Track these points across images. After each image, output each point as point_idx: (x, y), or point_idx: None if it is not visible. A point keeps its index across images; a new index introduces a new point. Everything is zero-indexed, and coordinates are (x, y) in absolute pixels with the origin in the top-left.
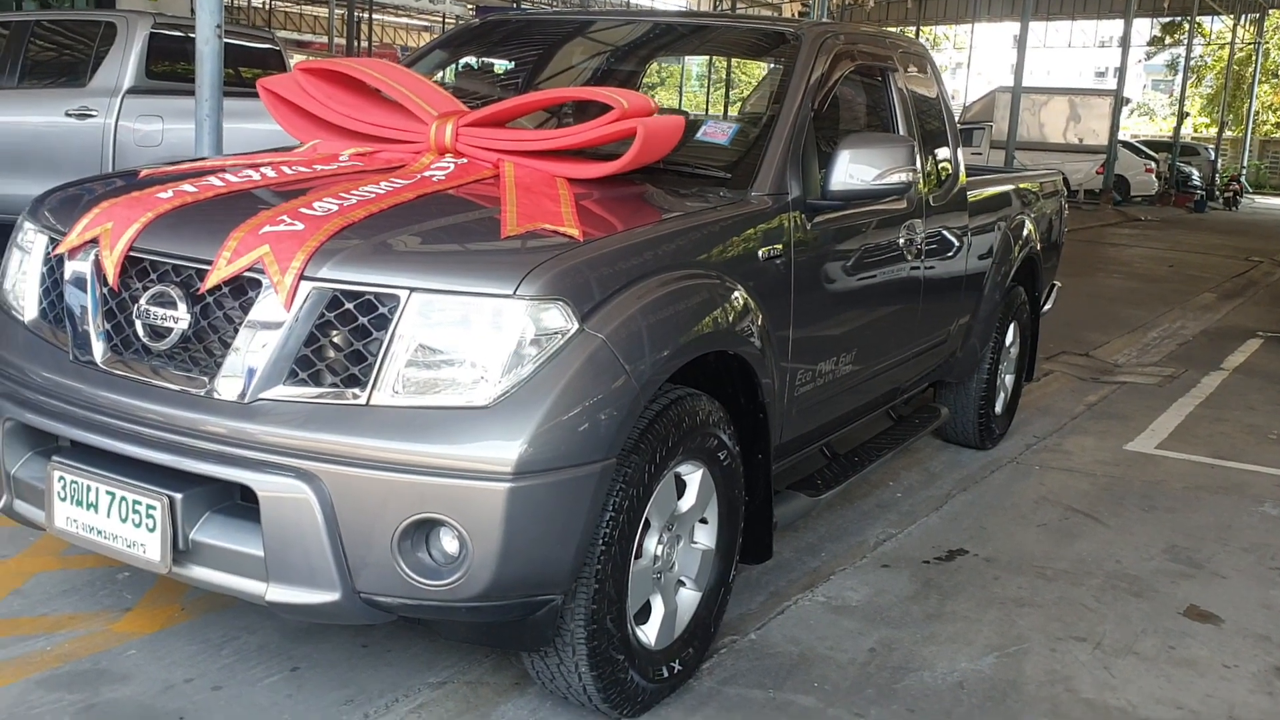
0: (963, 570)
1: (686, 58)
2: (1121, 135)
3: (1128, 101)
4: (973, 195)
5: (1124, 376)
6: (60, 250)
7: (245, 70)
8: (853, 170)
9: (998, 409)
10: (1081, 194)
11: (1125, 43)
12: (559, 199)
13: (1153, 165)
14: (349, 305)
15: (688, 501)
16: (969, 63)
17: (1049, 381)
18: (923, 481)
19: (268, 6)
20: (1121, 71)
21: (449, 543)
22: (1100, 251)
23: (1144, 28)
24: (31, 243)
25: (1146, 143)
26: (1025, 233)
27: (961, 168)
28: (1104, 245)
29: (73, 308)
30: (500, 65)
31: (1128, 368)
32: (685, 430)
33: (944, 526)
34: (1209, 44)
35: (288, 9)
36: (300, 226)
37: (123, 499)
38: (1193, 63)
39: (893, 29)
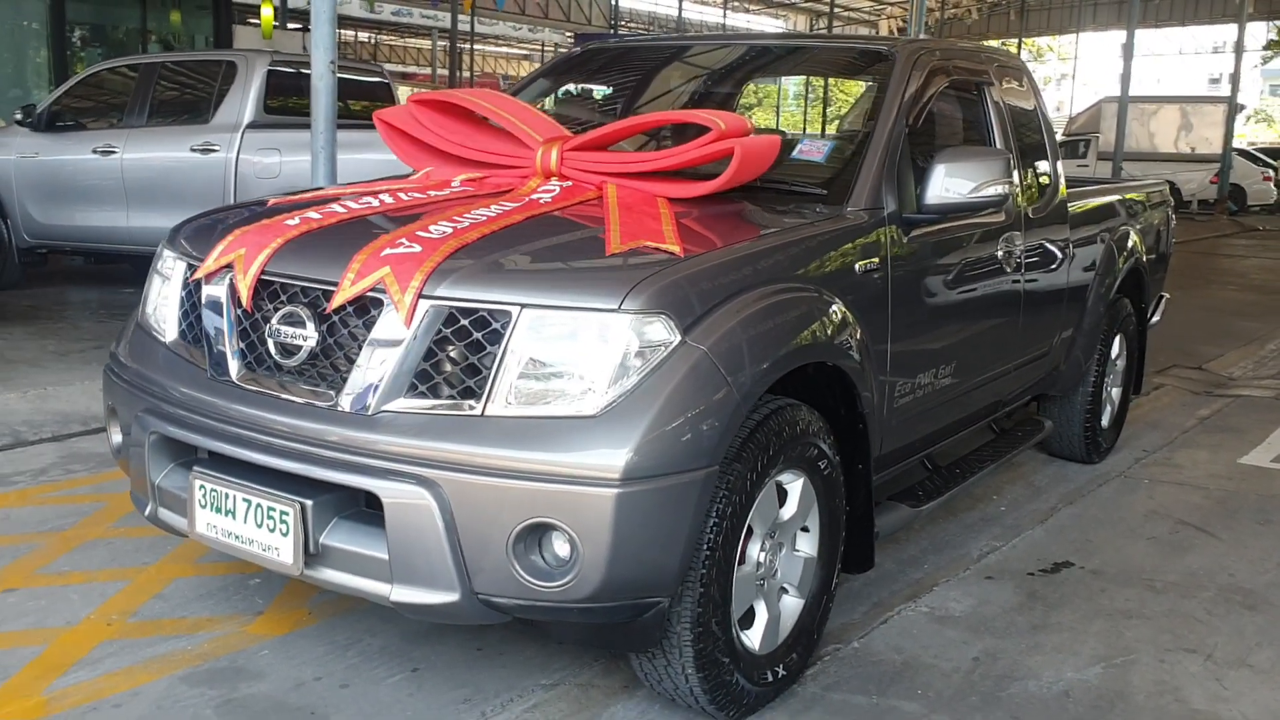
0: (1068, 582)
1: (782, 78)
2: (1237, 143)
3: (1243, 108)
4: (1074, 207)
5: (1239, 390)
6: (198, 275)
7: (355, 103)
8: (948, 184)
9: (1104, 422)
10: (1195, 204)
11: (1239, 47)
12: (660, 217)
13: (1271, 173)
14: (464, 322)
15: (789, 510)
16: (1074, 73)
17: (1159, 395)
18: (1027, 495)
19: (374, 41)
20: (1235, 77)
21: (560, 546)
22: (1214, 263)
23: (1259, 31)
24: (171, 269)
25: (1265, 150)
26: (1130, 244)
27: (1061, 180)
28: (1218, 256)
29: (209, 328)
30: (600, 91)
31: (1243, 381)
32: (786, 440)
33: (1049, 539)
34: None
35: (392, 43)
36: (418, 249)
37: (258, 506)
38: None
39: (994, 42)
